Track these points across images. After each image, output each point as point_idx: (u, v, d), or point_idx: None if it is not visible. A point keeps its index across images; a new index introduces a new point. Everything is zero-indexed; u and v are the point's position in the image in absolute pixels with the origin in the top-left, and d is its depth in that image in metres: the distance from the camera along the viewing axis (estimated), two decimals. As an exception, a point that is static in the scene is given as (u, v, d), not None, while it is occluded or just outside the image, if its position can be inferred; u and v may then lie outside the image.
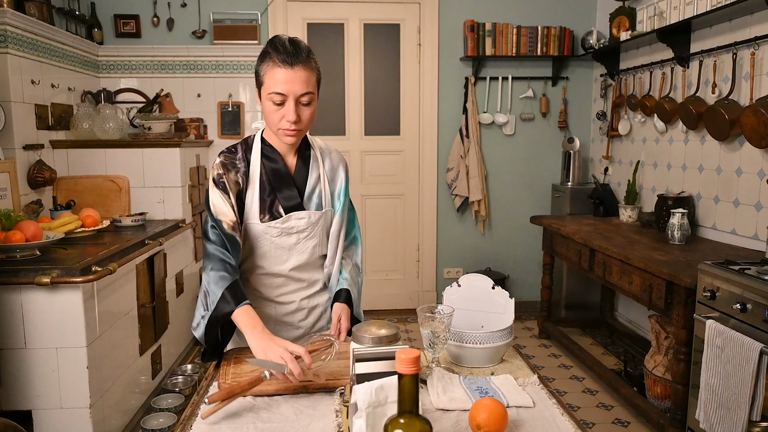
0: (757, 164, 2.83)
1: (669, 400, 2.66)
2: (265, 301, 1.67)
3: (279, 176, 1.60)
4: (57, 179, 3.30)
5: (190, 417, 1.26)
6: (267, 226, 1.58)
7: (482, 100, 4.49)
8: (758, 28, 2.80)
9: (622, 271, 2.89)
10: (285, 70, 1.45)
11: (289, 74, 1.45)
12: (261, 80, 1.51)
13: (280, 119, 1.50)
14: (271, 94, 1.48)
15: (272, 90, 1.47)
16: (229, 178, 1.56)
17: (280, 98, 1.47)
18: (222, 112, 4.27)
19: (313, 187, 1.64)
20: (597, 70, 4.48)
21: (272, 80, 1.47)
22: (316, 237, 1.64)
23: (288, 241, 1.61)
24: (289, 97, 1.47)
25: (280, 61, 1.46)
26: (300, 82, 1.47)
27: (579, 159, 4.36)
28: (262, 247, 1.61)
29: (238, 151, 1.61)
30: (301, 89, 1.47)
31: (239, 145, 1.62)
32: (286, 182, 1.60)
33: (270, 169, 1.59)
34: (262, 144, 1.61)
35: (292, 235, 1.61)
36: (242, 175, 1.58)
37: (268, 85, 1.48)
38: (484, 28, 4.30)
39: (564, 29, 4.36)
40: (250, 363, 1.39)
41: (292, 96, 1.47)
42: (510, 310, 1.60)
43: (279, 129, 1.52)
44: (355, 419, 1.02)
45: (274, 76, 1.46)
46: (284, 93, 1.47)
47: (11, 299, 2.25)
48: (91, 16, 4.03)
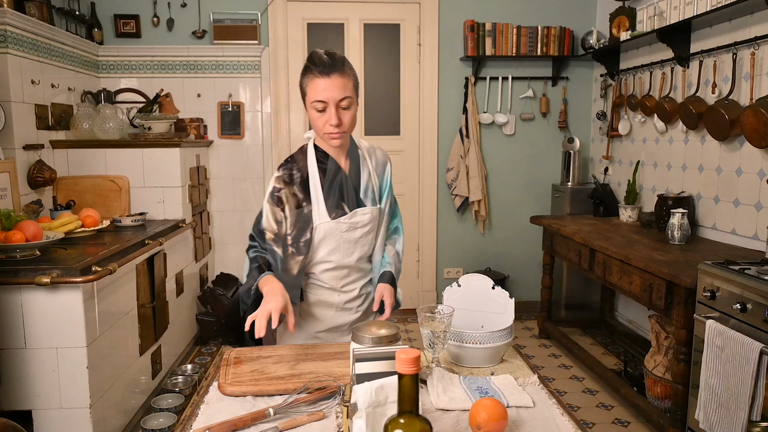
0: (757, 164, 2.83)
1: (669, 400, 2.66)
2: (332, 291, 1.81)
3: (336, 177, 1.74)
4: (57, 179, 3.30)
5: (190, 417, 1.26)
6: (337, 223, 1.72)
7: (482, 100, 4.49)
8: (758, 28, 2.80)
9: (622, 271, 2.89)
10: (323, 80, 1.61)
11: (327, 83, 1.61)
12: (304, 91, 1.67)
13: (324, 124, 1.65)
14: (313, 102, 1.63)
15: (314, 99, 1.63)
16: (288, 192, 1.71)
17: (321, 105, 1.63)
18: (222, 112, 4.27)
19: (366, 184, 1.79)
20: (597, 70, 4.48)
21: (313, 90, 1.63)
22: (375, 229, 1.81)
23: (354, 235, 1.75)
24: (329, 103, 1.62)
25: (319, 73, 1.61)
26: (337, 88, 1.61)
27: (579, 159, 4.36)
28: (332, 243, 1.74)
29: (296, 161, 1.75)
30: (339, 95, 1.62)
31: (295, 156, 1.77)
32: (343, 182, 1.75)
33: (327, 171, 1.74)
34: (316, 151, 1.76)
35: (357, 229, 1.75)
36: (300, 186, 1.72)
37: (310, 95, 1.64)
38: (484, 28, 4.30)
39: (564, 29, 4.36)
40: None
41: (332, 102, 1.62)
42: (510, 310, 1.60)
43: (325, 133, 1.67)
44: (355, 419, 1.02)
45: (315, 86, 1.62)
46: (325, 100, 1.62)
47: (11, 299, 2.26)
48: (91, 16, 4.03)
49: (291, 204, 1.70)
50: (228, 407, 1.29)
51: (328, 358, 1.53)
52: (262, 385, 1.37)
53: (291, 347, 1.62)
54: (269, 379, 1.40)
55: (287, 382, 1.38)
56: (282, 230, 1.71)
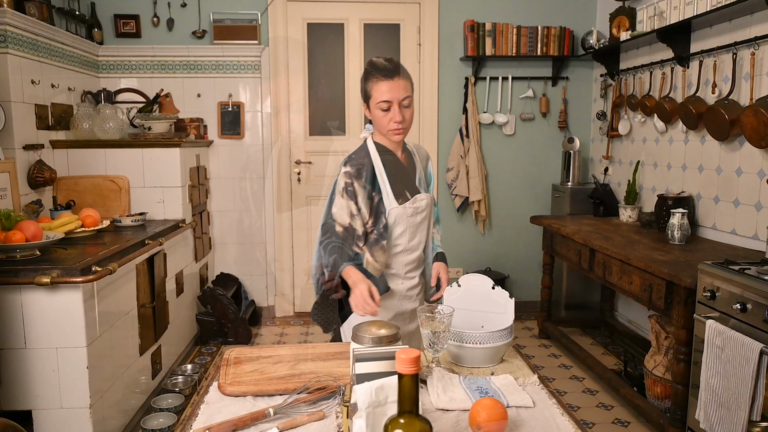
0: (757, 164, 2.83)
1: (669, 400, 2.66)
2: (397, 278, 1.95)
3: (397, 168, 1.92)
4: (57, 179, 3.30)
5: (190, 417, 1.26)
6: (403, 208, 1.88)
7: (482, 100, 4.49)
8: (758, 28, 2.80)
9: (622, 271, 2.89)
10: (387, 82, 1.81)
11: (390, 84, 1.81)
12: (369, 94, 1.86)
13: (388, 122, 1.84)
14: (379, 103, 1.82)
15: (380, 99, 1.82)
16: (358, 185, 1.84)
17: (386, 105, 1.82)
18: (222, 112, 4.27)
19: (419, 174, 1.99)
20: (597, 70, 4.48)
21: (378, 92, 1.82)
22: (429, 216, 1.99)
23: (416, 219, 1.93)
24: (393, 102, 1.81)
25: (382, 76, 1.81)
26: (400, 89, 1.82)
27: (579, 159, 4.36)
28: (402, 226, 1.90)
29: (359, 157, 1.90)
30: (401, 94, 1.82)
31: (357, 152, 1.92)
32: (403, 172, 1.94)
33: (389, 163, 1.90)
34: (376, 146, 1.92)
35: (418, 214, 1.93)
36: (367, 178, 1.86)
37: (375, 96, 1.83)
38: (484, 28, 4.30)
39: (564, 29, 4.36)
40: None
41: (396, 101, 1.81)
42: (510, 310, 1.60)
43: (389, 130, 1.86)
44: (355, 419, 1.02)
45: (380, 88, 1.82)
46: (390, 100, 1.81)
47: (11, 299, 2.25)
48: (91, 16, 4.03)
49: (362, 196, 1.84)
50: (228, 407, 1.29)
51: (328, 358, 1.53)
52: (262, 385, 1.37)
53: (291, 347, 1.62)
54: (269, 379, 1.40)
55: (287, 382, 1.38)
56: (355, 223, 1.84)
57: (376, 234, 1.86)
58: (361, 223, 1.85)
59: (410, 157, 2.00)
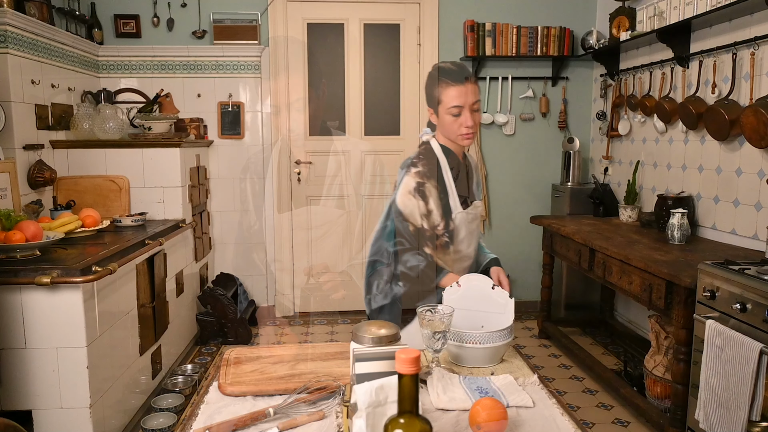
0: (756, 164, 2.83)
1: (669, 400, 2.66)
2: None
3: (460, 172, 1.91)
4: (57, 179, 3.30)
5: (190, 417, 1.26)
6: (466, 213, 1.88)
7: (482, 100, 4.49)
8: (758, 28, 2.80)
9: (622, 271, 2.89)
10: (458, 87, 1.81)
11: (461, 89, 1.81)
12: (439, 100, 1.85)
13: (459, 127, 1.83)
14: (450, 108, 1.82)
15: (451, 105, 1.81)
16: (431, 185, 1.83)
17: (457, 110, 1.81)
18: (222, 112, 4.27)
19: (476, 180, 2.02)
20: (597, 70, 4.48)
21: (449, 97, 1.81)
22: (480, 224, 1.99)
23: (473, 226, 1.93)
24: (464, 107, 1.81)
25: (453, 81, 1.81)
26: (470, 93, 1.81)
27: (579, 159, 4.36)
28: (463, 232, 1.89)
29: (426, 158, 1.88)
30: (472, 99, 1.82)
31: (425, 154, 1.89)
32: (464, 176, 1.93)
33: (454, 167, 1.89)
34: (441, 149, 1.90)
35: (475, 220, 1.94)
36: (436, 179, 1.85)
37: (446, 102, 1.82)
38: (484, 28, 4.30)
39: (564, 29, 4.36)
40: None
41: (467, 106, 1.81)
42: (510, 310, 1.60)
43: (459, 135, 1.85)
44: (355, 419, 1.02)
45: (450, 94, 1.81)
46: (461, 105, 1.81)
47: (11, 299, 2.26)
48: (91, 16, 4.03)
49: (434, 197, 1.83)
50: (228, 407, 1.29)
51: (328, 358, 1.53)
52: (262, 385, 1.37)
53: (291, 347, 1.62)
54: (269, 379, 1.40)
55: (287, 382, 1.38)
56: (425, 224, 1.82)
57: (447, 237, 1.84)
58: (431, 225, 1.82)
59: (469, 162, 2.00)
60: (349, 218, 2.36)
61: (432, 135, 1.94)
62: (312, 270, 2.33)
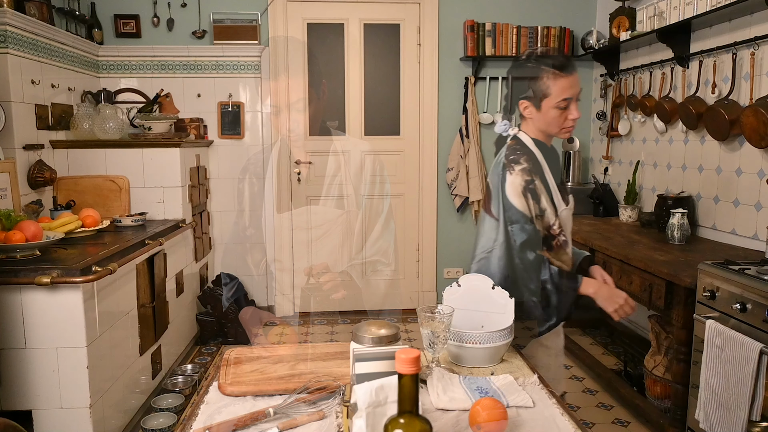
0: (756, 164, 2.83)
1: (669, 400, 2.66)
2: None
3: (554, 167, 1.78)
4: (57, 179, 3.30)
5: (190, 417, 1.26)
6: (568, 210, 1.78)
7: (482, 100, 4.49)
8: (758, 28, 2.80)
9: (622, 271, 2.89)
10: (567, 78, 1.67)
11: (570, 80, 1.68)
12: (546, 93, 1.69)
13: (564, 120, 1.70)
14: (559, 101, 1.67)
15: (561, 97, 1.67)
16: (540, 183, 1.69)
17: (566, 103, 1.68)
18: (222, 112, 4.27)
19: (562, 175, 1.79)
20: (597, 70, 4.48)
21: (559, 89, 1.67)
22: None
23: (570, 223, 1.81)
24: (573, 98, 1.69)
25: (562, 71, 1.67)
26: (577, 84, 1.70)
27: (579, 159, 4.36)
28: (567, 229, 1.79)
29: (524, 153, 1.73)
30: (578, 89, 1.71)
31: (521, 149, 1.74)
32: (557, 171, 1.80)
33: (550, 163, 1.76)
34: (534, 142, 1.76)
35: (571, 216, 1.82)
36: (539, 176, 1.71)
37: (556, 94, 1.67)
38: (484, 28, 4.30)
39: (564, 29, 4.36)
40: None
41: (575, 97, 1.70)
42: (510, 310, 1.60)
43: (563, 128, 1.72)
44: (355, 419, 1.02)
45: (560, 85, 1.67)
46: (571, 96, 1.68)
47: (11, 299, 2.26)
48: (91, 16, 4.03)
49: (545, 195, 1.70)
50: (228, 407, 1.29)
51: (328, 358, 1.53)
52: (262, 385, 1.37)
53: (291, 347, 1.62)
54: (269, 379, 1.40)
55: (287, 382, 1.38)
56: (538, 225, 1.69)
57: (564, 237, 1.72)
58: (545, 225, 1.69)
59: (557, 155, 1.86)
60: (349, 218, 2.35)
61: (512, 127, 1.79)
62: (312, 270, 2.30)
